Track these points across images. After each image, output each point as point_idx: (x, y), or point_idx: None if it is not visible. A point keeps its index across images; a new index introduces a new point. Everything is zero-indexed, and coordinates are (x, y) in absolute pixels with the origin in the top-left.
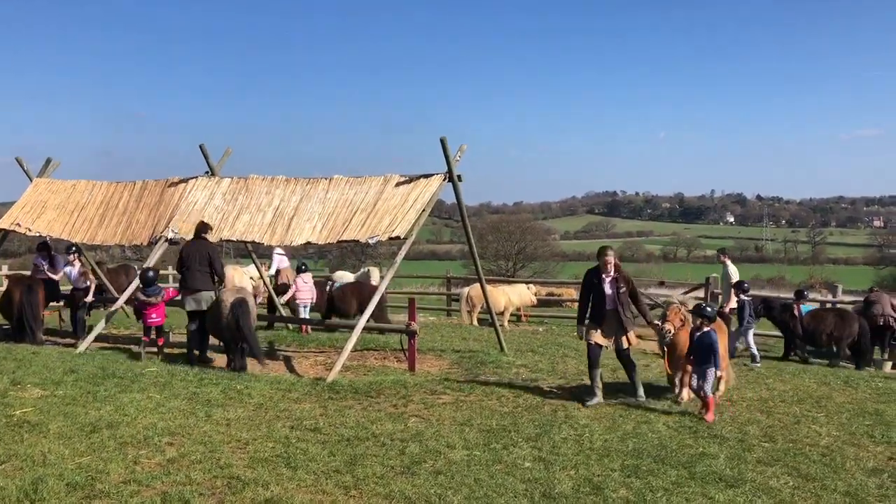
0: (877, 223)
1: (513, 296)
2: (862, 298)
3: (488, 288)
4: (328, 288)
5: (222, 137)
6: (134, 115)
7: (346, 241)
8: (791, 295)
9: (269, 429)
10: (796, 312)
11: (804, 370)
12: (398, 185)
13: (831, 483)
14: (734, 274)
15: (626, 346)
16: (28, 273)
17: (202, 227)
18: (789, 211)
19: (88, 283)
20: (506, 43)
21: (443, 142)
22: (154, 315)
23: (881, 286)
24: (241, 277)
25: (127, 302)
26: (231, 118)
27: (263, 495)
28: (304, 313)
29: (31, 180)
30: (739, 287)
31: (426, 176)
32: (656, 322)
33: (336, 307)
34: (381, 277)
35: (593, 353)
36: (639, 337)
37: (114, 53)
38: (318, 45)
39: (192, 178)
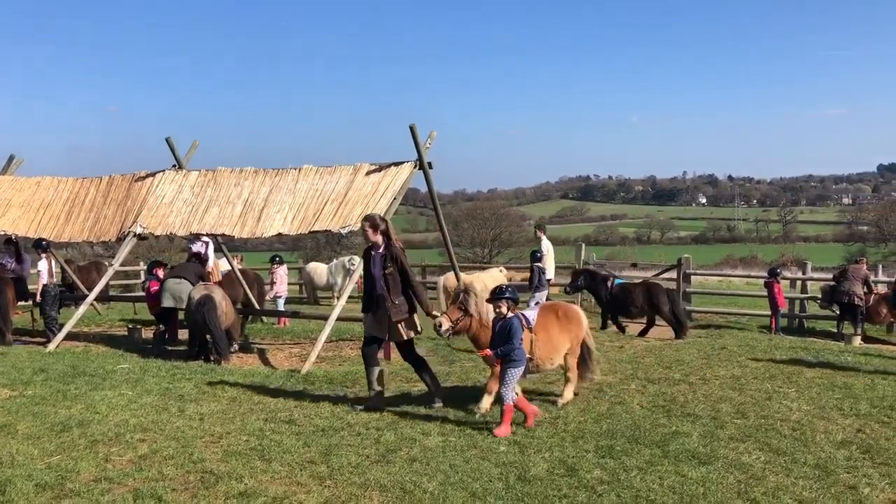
0: (845, 200)
1: (487, 281)
2: (831, 276)
3: (462, 275)
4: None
5: (188, 131)
6: (106, 109)
7: (318, 232)
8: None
9: (243, 422)
10: (609, 285)
11: (776, 346)
12: (368, 173)
13: (801, 457)
14: (546, 248)
15: (402, 338)
16: None
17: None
18: (760, 190)
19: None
20: (475, 28)
21: (412, 129)
22: None
23: (854, 261)
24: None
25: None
26: (197, 111)
27: (237, 488)
28: (281, 305)
29: None
30: (532, 256)
31: (396, 164)
32: (434, 313)
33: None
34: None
35: (366, 348)
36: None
37: (82, 45)
38: (281, 32)
39: (159, 171)
